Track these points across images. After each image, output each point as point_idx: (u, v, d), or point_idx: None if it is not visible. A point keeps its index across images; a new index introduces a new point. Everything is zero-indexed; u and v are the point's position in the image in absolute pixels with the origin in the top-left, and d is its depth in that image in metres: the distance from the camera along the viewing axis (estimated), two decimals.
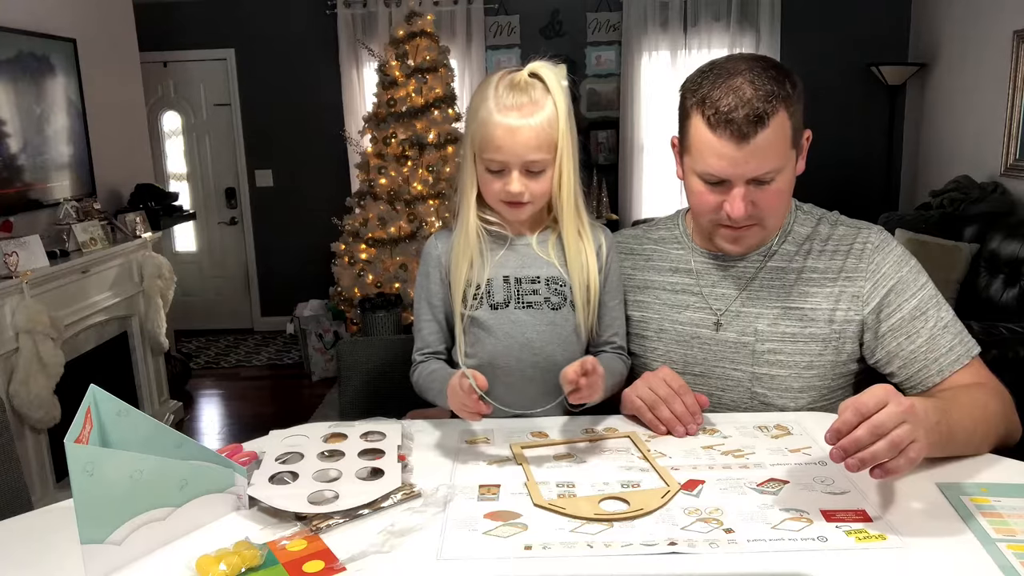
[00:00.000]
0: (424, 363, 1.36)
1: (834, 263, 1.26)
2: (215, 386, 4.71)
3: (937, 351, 1.20)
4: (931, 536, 0.88)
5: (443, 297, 1.35)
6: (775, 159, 1.15)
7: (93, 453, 0.84)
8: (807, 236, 1.30)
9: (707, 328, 1.32)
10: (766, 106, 1.12)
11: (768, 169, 1.15)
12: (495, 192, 1.25)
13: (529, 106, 1.20)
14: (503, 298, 1.29)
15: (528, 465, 1.09)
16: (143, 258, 3.65)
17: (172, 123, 5.62)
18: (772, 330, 1.27)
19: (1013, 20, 3.97)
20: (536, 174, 1.23)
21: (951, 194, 4.08)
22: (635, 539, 0.88)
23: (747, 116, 1.11)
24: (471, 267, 1.29)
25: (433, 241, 1.37)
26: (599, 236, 1.34)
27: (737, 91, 1.13)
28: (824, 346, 1.26)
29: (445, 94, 4.50)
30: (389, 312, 4.28)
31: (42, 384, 2.70)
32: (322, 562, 0.85)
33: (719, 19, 5.08)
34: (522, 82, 1.21)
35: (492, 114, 1.20)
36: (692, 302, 1.34)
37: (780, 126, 1.14)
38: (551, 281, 1.30)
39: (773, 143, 1.13)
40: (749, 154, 1.13)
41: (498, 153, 1.21)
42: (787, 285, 1.28)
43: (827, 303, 1.25)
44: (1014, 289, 3.45)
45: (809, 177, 1.54)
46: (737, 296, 1.30)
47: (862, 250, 1.26)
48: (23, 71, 3.18)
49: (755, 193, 1.18)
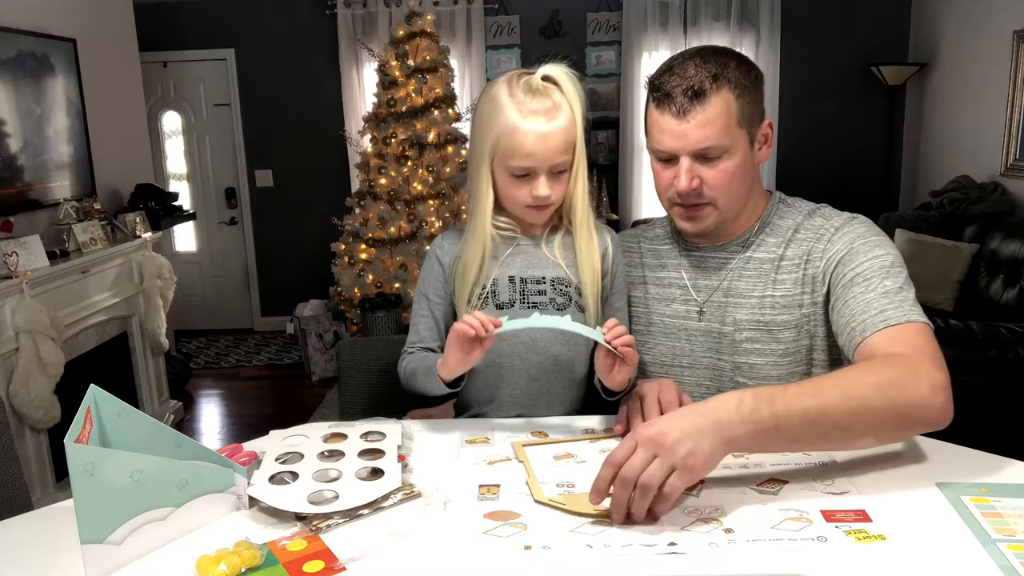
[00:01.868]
0: (413, 354, 1.35)
1: (802, 248, 1.28)
2: (215, 386, 4.71)
3: (867, 313, 1.14)
4: (931, 536, 0.88)
5: (443, 295, 1.35)
6: (716, 136, 1.19)
7: (93, 453, 0.84)
8: (787, 228, 1.31)
9: (692, 319, 1.34)
10: (706, 83, 1.18)
11: (709, 144, 1.19)
12: (521, 197, 1.25)
13: (553, 110, 1.21)
14: (508, 298, 1.30)
15: (529, 463, 1.09)
16: (143, 258, 3.65)
17: (172, 123, 5.62)
18: (749, 319, 1.29)
19: (1013, 20, 3.97)
20: (559, 175, 1.24)
21: (951, 194, 4.08)
22: (635, 539, 0.88)
23: (685, 91, 1.18)
24: (480, 269, 1.29)
25: (439, 241, 1.37)
26: (605, 237, 1.35)
27: (681, 72, 1.20)
28: (797, 332, 1.27)
29: (445, 94, 4.50)
30: (389, 312, 4.28)
31: (42, 384, 2.70)
32: (322, 562, 0.85)
33: (719, 19, 5.08)
34: (540, 86, 1.21)
35: (518, 121, 1.20)
36: (678, 295, 1.36)
37: (722, 104, 1.19)
38: (557, 282, 1.30)
39: (713, 119, 1.18)
40: (689, 127, 1.19)
41: (528, 159, 1.21)
42: (763, 274, 1.30)
43: (795, 289, 1.27)
44: (1014, 289, 3.45)
45: (809, 177, 1.54)
46: (718, 286, 1.33)
47: (824, 234, 1.27)
48: (23, 71, 3.18)
49: (701, 170, 1.22)
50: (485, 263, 1.29)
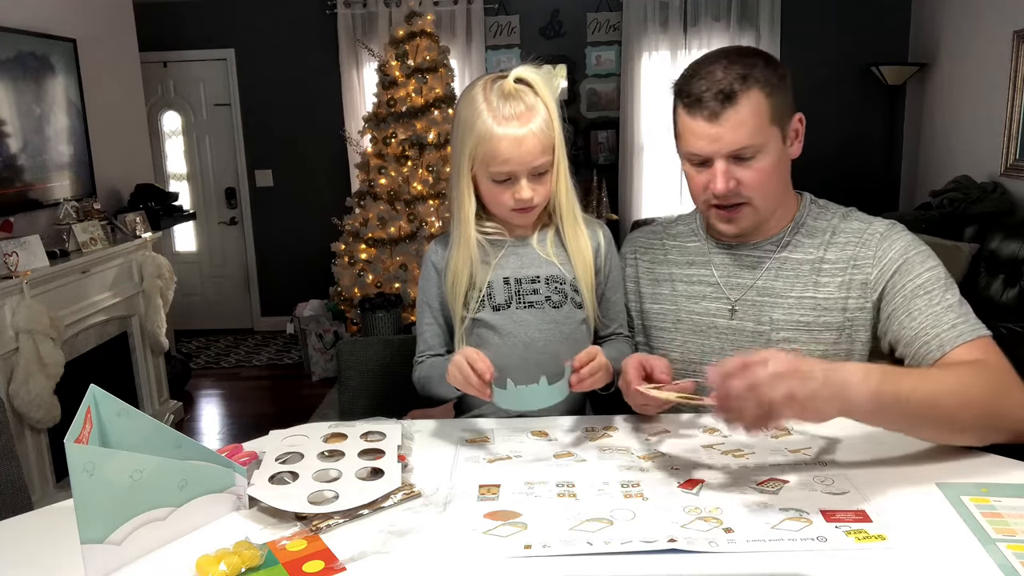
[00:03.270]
0: (423, 363, 1.38)
1: (845, 253, 1.29)
2: (215, 386, 4.71)
3: (939, 327, 1.19)
4: (931, 536, 0.88)
5: (443, 301, 1.37)
6: (750, 135, 1.19)
7: (93, 453, 0.84)
8: (823, 229, 1.32)
9: (723, 317, 1.34)
10: (735, 85, 1.18)
11: (744, 144, 1.20)
12: (504, 202, 1.26)
13: (527, 113, 1.21)
14: (504, 299, 1.31)
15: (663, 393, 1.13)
16: (143, 258, 3.65)
17: (172, 123, 5.62)
18: (787, 319, 1.29)
19: (1013, 20, 3.97)
20: (540, 176, 1.25)
21: (951, 194, 4.08)
22: (635, 538, 0.88)
23: (716, 95, 1.19)
24: (471, 275, 1.30)
25: (433, 247, 1.39)
26: (597, 232, 1.37)
27: (709, 76, 1.21)
28: (838, 334, 1.27)
29: (445, 94, 4.50)
30: (389, 312, 4.28)
31: (42, 384, 2.70)
32: (322, 562, 0.85)
33: (719, 19, 5.08)
34: (513, 90, 1.22)
35: (492, 127, 1.21)
36: (708, 292, 1.36)
37: (754, 104, 1.19)
38: (551, 280, 1.31)
39: (746, 119, 1.19)
40: (722, 130, 1.19)
41: (506, 165, 1.22)
42: (802, 275, 1.30)
43: (839, 292, 1.27)
44: (1014, 289, 3.45)
45: (809, 177, 1.54)
46: (752, 285, 1.33)
47: (870, 239, 1.28)
48: (23, 71, 3.18)
49: (737, 171, 1.22)
50: (476, 269, 1.30)
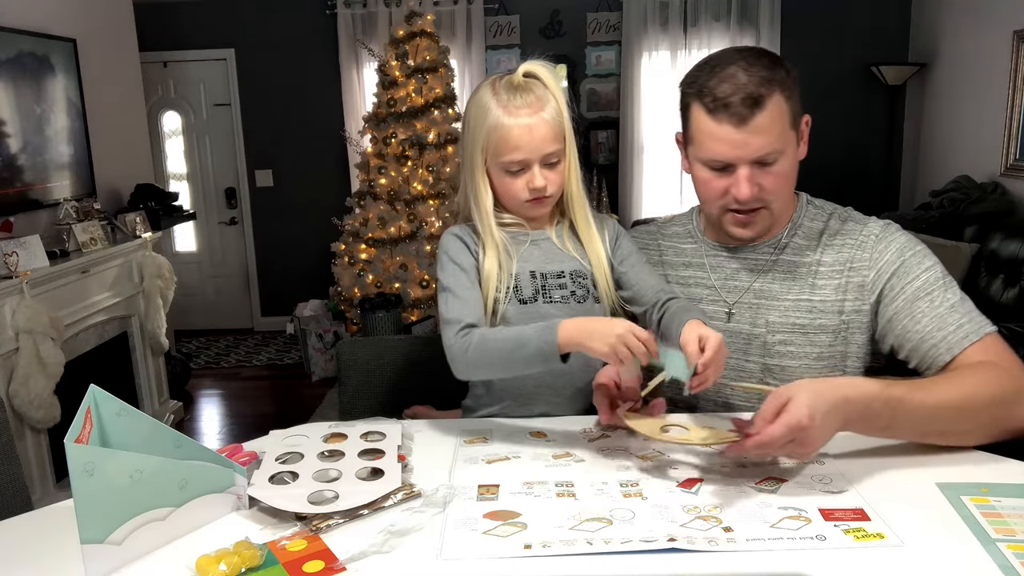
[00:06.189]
0: (479, 328, 1.21)
1: (841, 255, 1.28)
2: (215, 386, 4.71)
3: (944, 330, 1.18)
4: (930, 536, 0.88)
5: (479, 270, 1.28)
6: (775, 140, 1.19)
7: (93, 453, 0.84)
8: (820, 231, 1.32)
9: (719, 320, 1.33)
10: (761, 89, 1.16)
11: (769, 150, 1.19)
12: (518, 192, 1.25)
13: (537, 103, 1.22)
14: (531, 293, 1.29)
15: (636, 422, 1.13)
16: (143, 258, 3.65)
17: (172, 123, 5.62)
18: (783, 321, 1.29)
19: (1013, 20, 3.97)
20: (553, 165, 1.25)
21: (951, 194, 4.08)
22: (635, 537, 0.88)
23: (743, 99, 1.16)
24: (500, 264, 1.27)
25: (458, 232, 1.30)
26: (610, 223, 1.36)
27: (732, 78, 1.18)
28: (834, 337, 1.27)
29: (445, 94, 4.50)
30: (389, 312, 4.28)
31: (42, 384, 2.71)
32: (322, 562, 0.85)
33: (719, 19, 5.08)
34: (522, 83, 1.23)
35: (503, 118, 1.21)
36: (705, 295, 1.36)
37: (777, 108, 1.18)
38: (574, 275, 1.31)
39: (771, 124, 1.18)
40: (749, 135, 1.18)
41: (518, 152, 1.22)
42: (799, 278, 1.30)
43: (835, 295, 1.27)
44: (1014, 289, 3.45)
45: (809, 177, 1.54)
46: (749, 287, 1.32)
47: (865, 241, 1.28)
48: (23, 71, 3.18)
49: (760, 175, 1.21)
50: (503, 260, 1.28)
